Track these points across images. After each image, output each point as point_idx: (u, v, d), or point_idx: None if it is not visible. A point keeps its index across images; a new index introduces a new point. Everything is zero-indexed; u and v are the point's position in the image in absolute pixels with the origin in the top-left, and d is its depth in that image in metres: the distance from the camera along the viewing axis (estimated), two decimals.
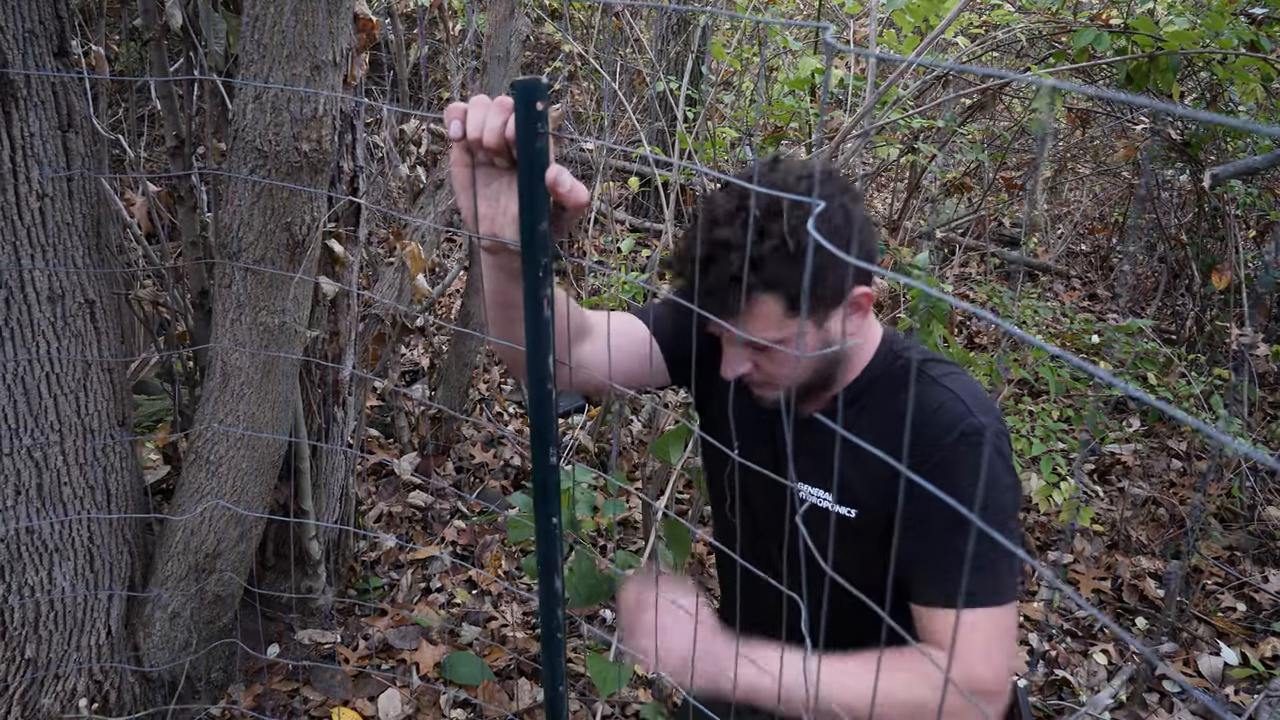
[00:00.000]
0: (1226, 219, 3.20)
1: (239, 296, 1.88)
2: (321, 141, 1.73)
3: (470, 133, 0.97)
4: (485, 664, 2.41)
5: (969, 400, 1.25)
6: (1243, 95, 2.65)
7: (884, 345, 1.36)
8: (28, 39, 1.67)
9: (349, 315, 2.29)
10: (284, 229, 1.80)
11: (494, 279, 1.14)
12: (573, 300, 1.31)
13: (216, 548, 2.11)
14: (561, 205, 0.95)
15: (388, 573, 2.71)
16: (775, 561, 1.43)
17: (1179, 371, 3.21)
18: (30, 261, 1.75)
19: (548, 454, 1.11)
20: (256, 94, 1.66)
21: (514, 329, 1.18)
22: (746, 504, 1.49)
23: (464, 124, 0.98)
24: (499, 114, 0.95)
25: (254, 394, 1.99)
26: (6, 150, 1.67)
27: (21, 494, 1.88)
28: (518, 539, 2.30)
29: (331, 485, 2.46)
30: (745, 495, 1.49)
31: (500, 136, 0.95)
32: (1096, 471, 3.45)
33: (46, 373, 1.83)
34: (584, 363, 1.33)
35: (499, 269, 1.12)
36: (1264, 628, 2.82)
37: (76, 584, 2.00)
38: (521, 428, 3.42)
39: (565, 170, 0.94)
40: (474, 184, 1.03)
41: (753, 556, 1.48)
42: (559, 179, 0.92)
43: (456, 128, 0.98)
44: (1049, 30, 2.78)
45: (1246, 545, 3.08)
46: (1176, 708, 2.54)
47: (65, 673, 2.04)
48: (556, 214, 0.97)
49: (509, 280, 1.12)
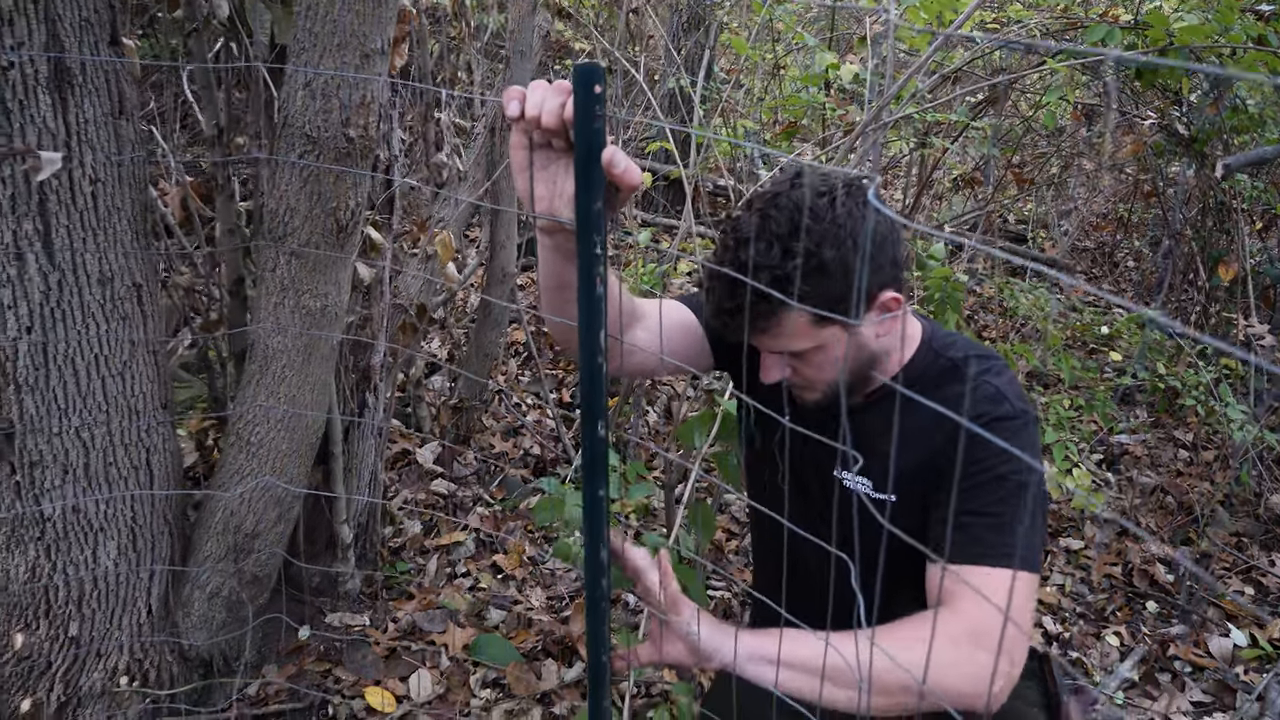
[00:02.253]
0: (1232, 213, 3.27)
1: (283, 280, 1.92)
2: (368, 128, 1.78)
3: (529, 112, 1.01)
4: (512, 645, 2.46)
5: (1009, 392, 1.32)
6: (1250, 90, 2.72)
7: (925, 344, 1.41)
8: (84, 27, 1.71)
9: (381, 302, 2.34)
10: (329, 214, 1.85)
11: (549, 260, 1.19)
12: (625, 287, 1.36)
13: (256, 528, 2.15)
14: (616, 186, 0.99)
15: (413, 558, 2.76)
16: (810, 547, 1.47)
17: (1187, 361, 3.27)
18: (82, 245, 1.80)
19: (597, 428, 1.16)
20: (307, 81, 1.70)
21: (569, 309, 1.22)
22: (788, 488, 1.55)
23: (523, 104, 1.02)
24: (557, 96, 0.99)
25: (295, 376, 2.03)
26: (62, 135, 1.72)
27: (69, 473, 1.92)
28: (545, 522, 2.35)
29: (362, 470, 2.51)
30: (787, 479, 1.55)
31: (559, 117, 0.99)
32: (1105, 461, 3.52)
33: (95, 354, 1.88)
34: (637, 347, 1.38)
35: (554, 249, 1.17)
36: (1271, 610, 2.89)
37: (120, 563, 2.04)
38: (540, 418, 3.47)
39: (620, 151, 0.99)
40: (531, 166, 1.07)
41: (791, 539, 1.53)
42: (614, 159, 0.96)
43: (515, 107, 1.02)
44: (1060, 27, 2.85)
45: (1254, 531, 3.14)
46: (1188, 686, 2.60)
47: (107, 650, 2.08)
48: (610, 194, 1.00)
49: (564, 261, 1.17)
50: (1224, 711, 2.53)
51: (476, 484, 3.07)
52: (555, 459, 3.22)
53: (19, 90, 1.65)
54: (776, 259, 1.18)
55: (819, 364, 1.30)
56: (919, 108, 2.58)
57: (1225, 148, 3.13)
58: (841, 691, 1.12)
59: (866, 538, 1.33)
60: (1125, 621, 2.84)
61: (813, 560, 1.51)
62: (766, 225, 1.20)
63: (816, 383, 1.33)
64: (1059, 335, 3.04)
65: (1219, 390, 2.90)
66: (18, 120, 1.66)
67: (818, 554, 1.46)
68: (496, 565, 2.80)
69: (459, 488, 3.03)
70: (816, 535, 1.44)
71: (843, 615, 1.19)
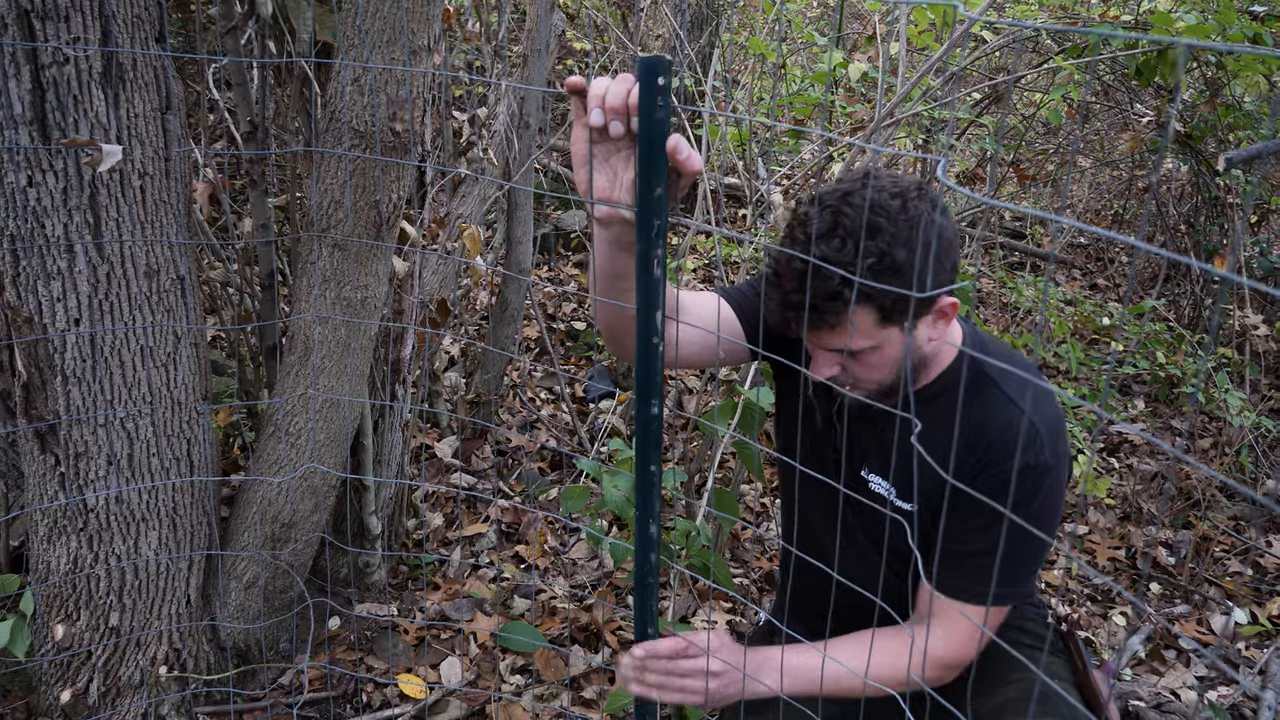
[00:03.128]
0: (1227, 208, 3.37)
1: (325, 272, 1.96)
2: (414, 122, 1.82)
3: (593, 102, 1.05)
4: (539, 632, 2.50)
5: (1043, 429, 1.32)
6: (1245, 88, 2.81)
7: (963, 352, 1.42)
8: (135, 24, 1.75)
9: (412, 295, 2.38)
10: (372, 206, 1.89)
11: (605, 251, 1.21)
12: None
13: (292, 518, 2.19)
14: (678, 171, 1.04)
15: (437, 549, 2.80)
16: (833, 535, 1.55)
17: (1185, 351, 3.37)
18: (130, 237, 1.83)
19: (650, 405, 1.21)
20: (355, 76, 1.75)
21: (625, 297, 1.26)
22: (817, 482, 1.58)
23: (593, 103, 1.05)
24: (621, 84, 1.03)
25: (334, 367, 2.07)
26: (114, 130, 1.75)
27: (113, 464, 1.95)
28: (574, 510, 2.40)
29: (390, 462, 2.54)
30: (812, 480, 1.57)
31: (624, 99, 1.03)
32: (1105, 449, 3.60)
33: (141, 346, 1.91)
34: (680, 341, 1.40)
35: (611, 242, 1.19)
36: (1270, 588, 2.98)
37: (160, 553, 2.07)
38: (554, 412, 3.52)
39: (683, 139, 1.04)
40: (591, 158, 1.10)
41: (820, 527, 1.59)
42: (679, 145, 1.01)
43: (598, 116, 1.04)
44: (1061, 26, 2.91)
45: (1251, 515, 3.23)
46: (1192, 662, 2.68)
47: (146, 640, 2.11)
48: (672, 180, 1.05)
49: (619, 251, 1.20)
50: (1227, 685, 2.61)
51: (495, 477, 3.11)
52: (572, 452, 3.27)
53: (74, 85, 1.68)
54: (850, 256, 1.20)
55: (872, 363, 1.32)
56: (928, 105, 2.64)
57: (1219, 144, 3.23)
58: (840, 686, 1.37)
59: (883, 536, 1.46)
60: (1130, 602, 2.92)
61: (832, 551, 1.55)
62: (840, 222, 1.21)
63: (866, 381, 1.35)
64: (1065, 324, 3.12)
65: (1218, 378, 2.99)
66: (72, 115, 1.69)
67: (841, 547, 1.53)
68: (519, 555, 2.85)
69: (478, 480, 3.07)
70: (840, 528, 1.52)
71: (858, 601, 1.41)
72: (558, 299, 4.47)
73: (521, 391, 3.53)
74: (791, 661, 1.36)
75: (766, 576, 2.86)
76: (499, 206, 3.44)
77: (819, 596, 1.60)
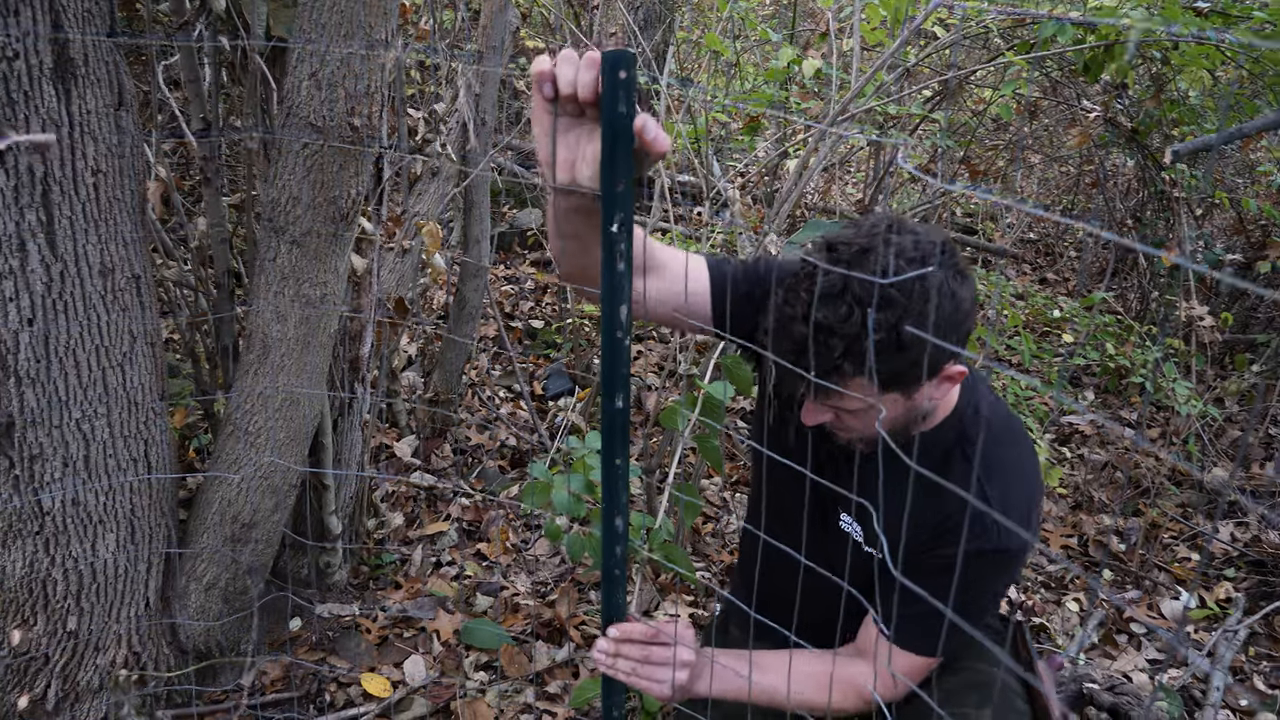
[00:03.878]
0: (1173, 201, 3.45)
1: (283, 269, 1.95)
2: (371, 117, 1.82)
3: (564, 90, 1.03)
4: (503, 629, 2.50)
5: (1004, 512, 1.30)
6: (1190, 83, 2.88)
7: (956, 411, 1.39)
8: (85, 18, 1.72)
9: (370, 293, 2.36)
10: (330, 202, 1.88)
11: (567, 218, 1.19)
12: (647, 235, 1.40)
13: (252, 518, 2.17)
14: (645, 151, 1.02)
15: (398, 549, 2.78)
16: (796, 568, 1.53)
17: (1134, 342, 3.45)
18: (84, 236, 1.80)
19: (615, 400, 1.22)
20: (313, 71, 1.74)
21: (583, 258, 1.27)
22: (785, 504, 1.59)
23: (555, 82, 1.04)
24: (590, 70, 1.01)
25: (294, 365, 2.06)
26: (66, 127, 1.72)
27: (69, 466, 1.92)
28: (533, 507, 2.40)
29: (350, 461, 2.53)
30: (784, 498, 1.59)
31: (594, 90, 1.02)
32: (1057, 440, 3.68)
33: (97, 345, 1.88)
34: (651, 298, 1.40)
35: (571, 209, 1.17)
36: (1216, 573, 3.06)
37: (118, 555, 2.04)
38: (514, 410, 3.51)
39: (651, 119, 1.04)
40: (554, 131, 1.07)
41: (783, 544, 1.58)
42: (646, 125, 1.00)
43: (549, 89, 1.04)
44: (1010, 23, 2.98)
45: (1197, 502, 3.32)
46: (1144, 646, 2.75)
47: (105, 644, 2.08)
48: (639, 160, 1.04)
49: (578, 215, 1.18)
50: (1177, 668, 2.69)
51: (456, 476, 3.10)
52: (532, 449, 3.27)
53: (24, 81, 1.65)
54: (856, 329, 1.14)
55: (867, 419, 1.28)
56: (882, 101, 2.69)
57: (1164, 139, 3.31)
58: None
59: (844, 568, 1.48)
60: (1084, 589, 2.98)
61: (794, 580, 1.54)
62: (849, 287, 1.15)
63: (857, 431, 1.32)
64: (1018, 317, 3.18)
65: (1165, 368, 3.07)
66: (23, 110, 1.66)
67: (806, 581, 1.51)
68: (480, 553, 2.84)
69: (438, 480, 3.06)
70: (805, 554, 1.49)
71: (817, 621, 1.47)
72: (515, 297, 4.46)
73: (480, 390, 3.52)
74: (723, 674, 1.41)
75: (727, 570, 2.88)
76: (455, 205, 3.43)
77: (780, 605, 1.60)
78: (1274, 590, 2.96)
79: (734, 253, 3.95)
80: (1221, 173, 3.99)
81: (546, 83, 1.03)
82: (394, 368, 2.85)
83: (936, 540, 1.38)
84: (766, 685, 1.40)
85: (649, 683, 1.33)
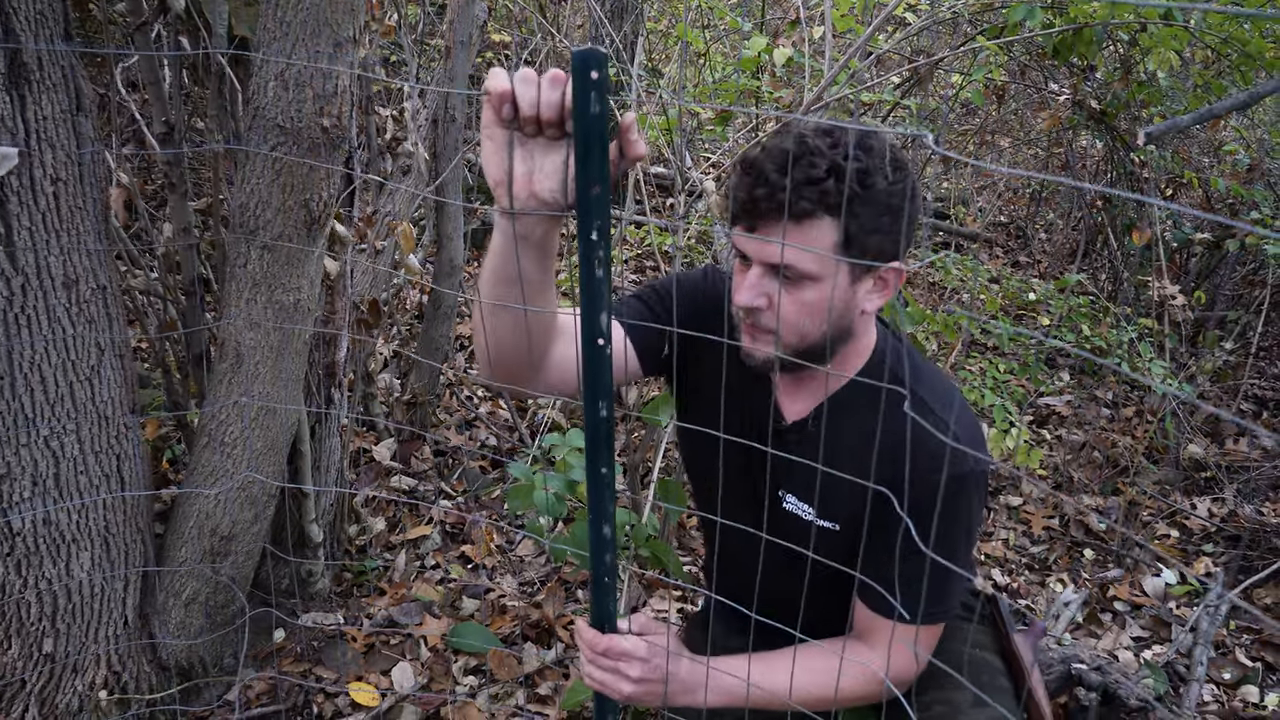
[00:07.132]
0: (1142, 182, 3.48)
1: (254, 275, 1.90)
2: (341, 118, 1.78)
3: (525, 111, 0.96)
4: (491, 632, 2.47)
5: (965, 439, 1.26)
6: (1157, 65, 2.90)
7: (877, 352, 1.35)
8: (38, 21, 1.67)
9: (344, 297, 2.32)
10: (302, 205, 1.84)
11: (506, 249, 1.09)
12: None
13: (231, 530, 2.12)
14: (622, 153, 0.97)
15: (381, 554, 2.74)
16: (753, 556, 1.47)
17: (1108, 323, 3.47)
18: (45, 247, 1.75)
19: (599, 407, 1.18)
20: (279, 71, 1.69)
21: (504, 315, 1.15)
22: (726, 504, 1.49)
23: (515, 106, 0.96)
24: (554, 88, 0.94)
25: (268, 373, 2.01)
26: (21, 134, 1.67)
27: (39, 485, 1.86)
28: (518, 509, 2.37)
29: (329, 468, 2.49)
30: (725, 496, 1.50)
31: (560, 110, 0.95)
32: (1035, 422, 3.70)
33: (63, 359, 1.83)
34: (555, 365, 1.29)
35: (519, 236, 1.07)
36: (1195, 549, 3.09)
37: (94, 574, 1.99)
38: (493, 409, 3.47)
39: (635, 121, 1.00)
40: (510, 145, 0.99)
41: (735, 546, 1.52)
42: (632, 126, 0.96)
43: (509, 110, 0.96)
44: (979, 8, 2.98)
45: (1174, 479, 3.35)
46: (1128, 624, 2.77)
47: (84, 665, 2.03)
48: (614, 163, 0.97)
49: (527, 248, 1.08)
50: (1161, 644, 2.71)
51: (436, 478, 3.06)
52: (512, 449, 3.23)
53: None
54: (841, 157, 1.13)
55: (803, 300, 1.21)
56: (855, 88, 2.67)
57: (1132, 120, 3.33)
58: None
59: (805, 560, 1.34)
60: (1066, 569, 3.00)
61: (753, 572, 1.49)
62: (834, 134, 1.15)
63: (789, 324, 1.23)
64: (994, 301, 3.19)
65: (1140, 348, 3.09)
66: None
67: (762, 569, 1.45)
68: (465, 556, 2.81)
69: (419, 482, 3.02)
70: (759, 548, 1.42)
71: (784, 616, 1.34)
72: None
73: (458, 390, 3.48)
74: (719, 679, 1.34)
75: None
76: (427, 203, 3.38)
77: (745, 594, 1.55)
78: (1252, 564, 2.99)
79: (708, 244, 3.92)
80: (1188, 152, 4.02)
81: (506, 104, 0.96)
82: (370, 370, 2.80)
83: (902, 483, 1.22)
84: (768, 687, 1.36)
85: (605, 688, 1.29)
